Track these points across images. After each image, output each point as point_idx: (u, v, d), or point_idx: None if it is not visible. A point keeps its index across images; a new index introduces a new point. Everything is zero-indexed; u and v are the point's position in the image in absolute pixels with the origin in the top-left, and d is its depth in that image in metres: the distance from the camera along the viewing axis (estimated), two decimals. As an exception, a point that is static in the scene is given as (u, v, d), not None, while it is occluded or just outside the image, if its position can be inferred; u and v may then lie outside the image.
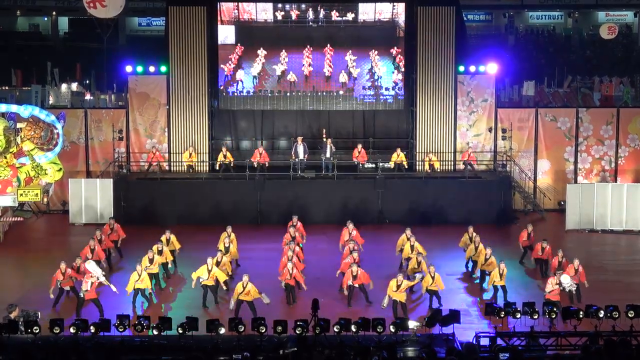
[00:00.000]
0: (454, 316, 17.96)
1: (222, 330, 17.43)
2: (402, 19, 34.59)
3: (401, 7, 34.47)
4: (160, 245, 23.91)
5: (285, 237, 25.00)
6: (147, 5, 62.33)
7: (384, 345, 15.88)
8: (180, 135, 33.92)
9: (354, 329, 17.33)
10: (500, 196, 31.78)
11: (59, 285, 21.74)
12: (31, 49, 59.43)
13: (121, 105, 37.16)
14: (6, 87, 44.88)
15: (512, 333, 17.50)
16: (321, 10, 34.77)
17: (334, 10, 34.73)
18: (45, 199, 28.83)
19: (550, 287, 20.87)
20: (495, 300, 21.74)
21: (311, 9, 34.70)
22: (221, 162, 32.64)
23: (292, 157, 32.28)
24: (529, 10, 66.16)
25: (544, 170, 34.47)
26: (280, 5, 34.85)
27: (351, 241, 24.36)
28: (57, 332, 17.35)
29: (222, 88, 34.66)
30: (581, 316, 18.02)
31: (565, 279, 21.18)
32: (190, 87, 33.88)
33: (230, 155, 32.85)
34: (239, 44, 34.94)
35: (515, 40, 63.82)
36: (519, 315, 18.54)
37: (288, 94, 34.76)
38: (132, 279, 21.70)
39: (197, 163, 33.41)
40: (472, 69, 34.07)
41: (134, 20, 66.39)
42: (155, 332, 17.57)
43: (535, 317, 18.58)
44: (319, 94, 34.76)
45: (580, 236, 30.42)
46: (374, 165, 32.91)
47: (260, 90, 34.80)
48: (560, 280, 21.14)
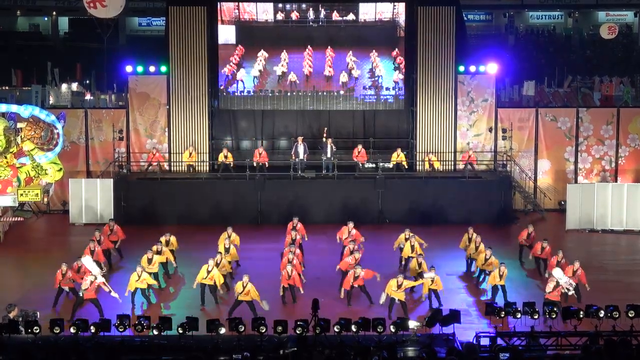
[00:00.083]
0: (454, 316, 17.95)
1: (223, 330, 17.42)
2: (402, 19, 34.57)
3: (401, 7, 34.46)
4: (159, 245, 23.90)
5: (286, 241, 24.95)
6: (147, 5, 62.32)
7: (384, 345, 15.87)
8: (180, 135, 33.93)
9: (354, 329, 17.32)
10: (501, 196, 31.78)
11: (59, 284, 21.74)
12: (31, 49, 59.41)
13: (121, 105, 37.17)
14: (6, 87, 44.86)
15: (513, 333, 17.51)
16: (322, 11, 34.77)
17: (335, 11, 34.75)
18: (46, 199, 28.82)
19: (551, 287, 20.87)
20: (493, 300, 21.75)
21: (312, 9, 34.70)
22: (222, 162, 32.65)
23: (293, 157, 32.28)
24: (529, 10, 66.16)
25: (544, 170, 34.47)
26: (280, 6, 34.85)
27: (351, 242, 24.33)
28: (57, 332, 17.35)
29: (223, 88, 34.66)
30: (581, 316, 18.02)
31: (557, 273, 21.18)
32: (191, 87, 33.88)
33: (231, 156, 32.86)
34: (240, 45, 34.94)
35: (515, 40, 63.81)
36: (519, 315, 18.54)
37: (288, 94, 34.75)
38: (132, 279, 21.72)
39: (197, 163, 33.42)
40: (473, 68, 34.06)
41: (134, 20, 66.39)
42: (155, 332, 17.56)
43: (536, 317, 18.58)
44: (320, 93, 34.75)
45: (581, 236, 30.41)
46: (374, 165, 32.91)
47: (261, 90, 34.79)
48: (552, 274, 21.18)
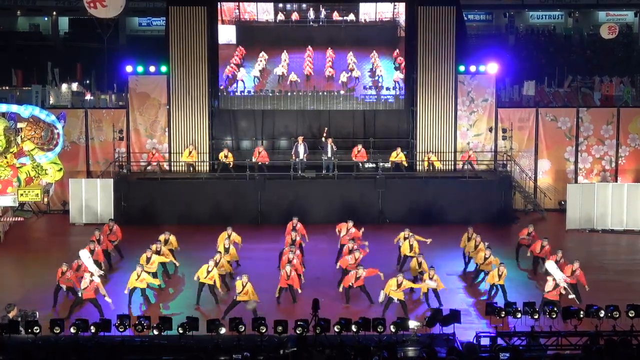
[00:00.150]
0: (455, 316, 17.95)
1: (223, 330, 17.42)
2: (403, 19, 34.57)
3: (402, 7, 34.45)
4: (159, 244, 23.88)
5: (286, 241, 24.93)
6: (148, 5, 62.28)
7: (385, 345, 15.86)
8: (180, 135, 33.92)
9: (354, 329, 17.32)
10: (501, 196, 31.77)
11: (58, 282, 21.74)
12: (31, 49, 59.38)
13: (121, 105, 37.16)
14: (6, 87, 44.83)
15: (513, 333, 17.51)
16: (322, 11, 34.76)
17: (335, 11, 34.73)
18: (46, 199, 28.79)
19: (550, 286, 20.87)
20: (490, 298, 21.84)
21: (312, 9, 34.69)
22: (222, 162, 32.65)
23: (293, 157, 32.27)
24: (530, 10, 66.10)
25: (545, 170, 34.46)
26: (281, 6, 34.83)
27: (350, 240, 24.33)
28: (58, 332, 17.35)
29: (223, 88, 34.66)
30: (582, 316, 18.02)
31: (550, 265, 21.18)
32: (191, 87, 33.87)
33: (232, 156, 32.85)
34: (240, 45, 34.91)
35: (515, 40, 63.78)
36: (519, 315, 18.54)
37: (289, 94, 34.74)
38: (132, 277, 21.72)
39: (197, 162, 33.41)
40: (473, 68, 34.05)
41: (134, 20, 66.36)
42: (155, 332, 17.56)
43: (536, 317, 18.59)
44: (320, 93, 34.74)
45: (581, 236, 30.41)
46: (374, 165, 32.91)
47: (261, 90, 34.78)
48: (546, 267, 21.21)
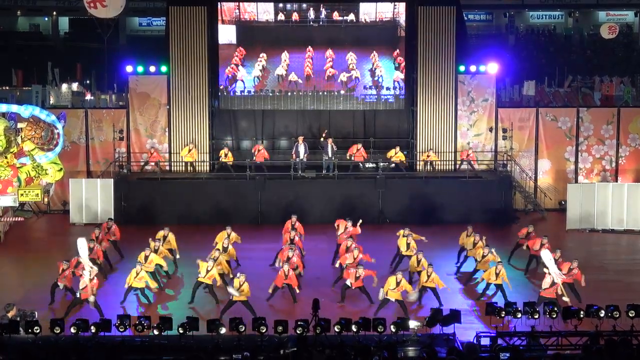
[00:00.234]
0: (455, 316, 17.95)
1: (223, 330, 17.42)
2: (403, 19, 34.57)
3: (402, 7, 34.45)
4: (158, 243, 23.86)
5: (284, 239, 24.90)
6: (148, 5, 62.27)
7: (385, 345, 15.87)
8: (180, 135, 33.91)
9: (354, 329, 17.32)
10: (501, 196, 31.77)
11: (56, 280, 21.76)
12: (32, 49, 59.37)
13: (122, 105, 37.13)
14: (7, 87, 44.82)
15: (513, 333, 17.52)
16: (322, 11, 34.76)
17: (335, 11, 34.73)
18: (46, 199, 28.77)
19: (547, 283, 20.88)
20: (483, 296, 21.97)
21: (312, 9, 34.69)
22: (222, 162, 32.63)
23: (293, 157, 32.27)
24: (530, 10, 66.10)
25: (545, 170, 34.46)
26: (281, 6, 34.83)
27: (349, 239, 24.30)
28: (58, 332, 17.35)
29: (223, 88, 34.65)
30: (582, 316, 18.03)
31: (546, 255, 21.23)
32: (191, 87, 33.86)
33: (231, 156, 32.83)
34: (240, 45, 34.90)
35: (515, 40, 63.76)
36: (519, 315, 18.55)
37: (289, 94, 34.73)
38: (130, 275, 21.72)
39: (197, 162, 33.40)
40: (473, 68, 34.05)
41: (135, 20, 66.35)
42: (155, 332, 17.56)
43: (536, 316, 18.60)
44: (320, 93, 34.74)
45: (581, 236, 30.40)
46: (374, 165, 32.90)
47: (261, 90, 34.78)
48: (541, 255, 21.28)
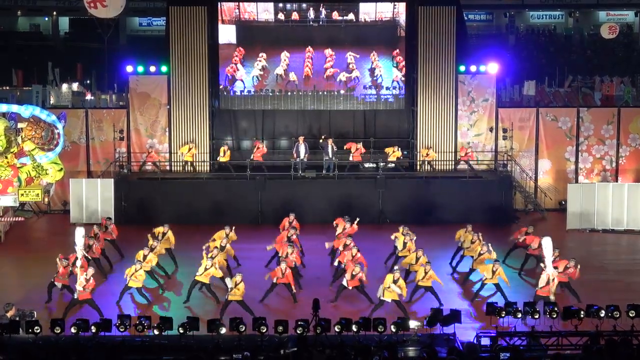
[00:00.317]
0: (455, 316, 17.95)
1: (223, 330, 17.41)
2: (403, 19, 34.59)
3: (402, 7, 34.46)
4: (155, 243, 23.86)
5: (282, 236, 24.86)
6: (148, 5, 62.24)
7: (385, 345, 15.87)
8: (181, 135, 33.91)
9: (354, 329, 17.33)
10: (501, 196, 31.77)
11: (53, 280, 21.76)
12: (32, 49, 59.34)
13: (122, 105, 37.12)
14: (7, 87, 44.80)
15: (513, 333, 17.51)
16: (322, 10, 34.76)
17: (335, 11, 34.72)
18: (46, 199, 28.75)
19: (543, 281, 20.88)
20: (477, 296, 22.04)
21: (312, 9, 34.69)
22: (219, 161, 32.65)
23: (294, 157, 32.28)
24: (530, 10, 66.07)
25: (545, 170, 34.46)
26: (281, 5, 34.84)
27: (348, 237, 24.31)
28: (58, 332, 17.34)
29: (222, 88, 34.64)
30: (582, 316, 18.03)
31: (547, 242, 21.32)
32: (191, 87, 33.87)
33: (229, 155, 32.77)
34: (240, 45, 34.89)
35: (515, 40, 63.74)
36: (519, 315, 18.55)
37: (289, 94, 34.73)
38: (128, 272, 21.74)
39: (196, 162, 33.39)
40: (473, 68, 34.04)
41: (135, 20, 66.33)
42: (156, 332, 17.55)
43: (536, 316, 18.60)
44: (320, 93, 34.74)
45: (581, 236, 30.40)
46: (374, 165, 32.91)
47: (261, 90, 34.77)
48: (541, 242, 21.43)
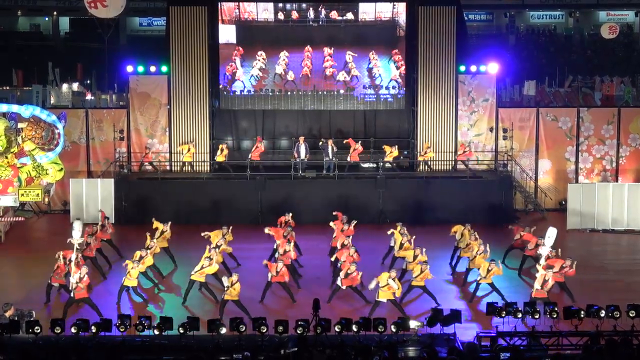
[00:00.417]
0: (455, 316, 17.96)
1: (223, 330, 17.42)
2: (402, 19, 34.59)
3: (401, 7, 34.46)
4: (153, 243, 23.84)
5: (279, 233, 24.82)
6: (148, 5, 62.24)
7: (385, 345, 15.88)
8: (181, 135, 33.91)
9: (355, 329, 17.33)
10: (501, 196, 31.76)
11: (50, 280, 21.76)
12: (32, 49, 59.33)
13: (122, 105, 37.11)
14: (7, 87, 44.81)
15: (513, 333, 17.52)
16: (322, 10, 34.76)
17: (335, 10, 34.70)
18: (47, 199, 28.77)
19: (539, 282, 20.87)
20: (474, 296, 22.06)
21: (312, 9, 34.69)
22: (217, 160, 32.73)
23: (295, 157, 32.29)
24: (530, 10, 66.08)
25: (545, 170, 34.45)
26: (281, 5, 34.84)
27: (346, 237, 24.34)
28: (58, 332, 17.34)
29: (223, 87, 34.62)
30: (582, 316, 18.03)
31: (552, 232, 21.60)
32: (191, 87, 33.86)
33: (225, 154, 32.72)
34: (240, 44, 34.89)
35: (516, 40, 63.75)
36: (519, 315, 18.56)
37: (289, 94, 34.73)
38: (130, 264, 21.90)
39: (196, 161, 33.39)
40: (473, 68, 34.03)
41: (135, 20, 66.33)
42: (156, 332, 17.56)
43: (537, 316, 18.60)
44: (320, 93, 34.73)
45: (582, 236, 30.39)
46: (374, 165, 32.91)
47: (261, 90, 34.77)
48: (548, 233, 21.83)
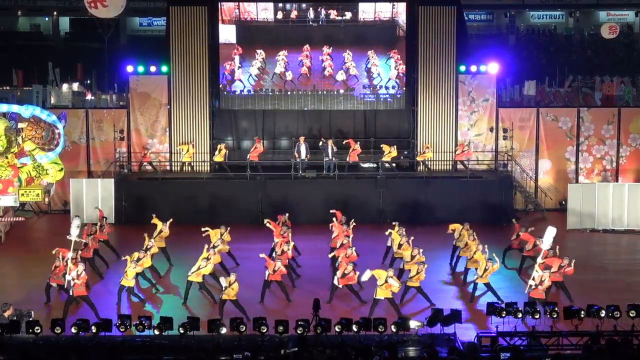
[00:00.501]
0: (456, 316, 17.96)
1: (224, 330, 17.41)
2: (402, 19, 34.60)
3: (401, 7, 34.48)
4: (151, 243, 23.84)
5: (277, 233, 24.87)
6: (148, 5, 62.26)
7: (385, 345, 15.88)
8: (181, 135, 33.90)
9: (355, 329, 17.33)
10: (502, 196, 31.77)
11: (49, 280, 21.75)
12: (32, 49, 59.32)
13: (122, 105, 37.11)
14: (7, 87, 44.80)
15: (514, 333, 17.52)
16: (322, 10, 34.76)
17: (334, 10, 34.69)
18: (47, 199, 28.80)
19: (535, 282, 20.87)
20: (473, 297, 22.07)
21: (312, 9, 34.69)
22: (215, 160, 32.78)
23: (295, 157, 32.29)
24: (530, 10, 66.09)
25: (545, 170, 34.45)
26: (280, 5, 34.84)
27: (345, 237, 24.35)
28: (59, 332, 17.34)
29: (222, 86, 34.61)
30: (582, 316, 18.03)
31: (551, 231, 21.59)
32: (191, 87, 33.85)
33: (223, 154, 32.72)
34: (240, 44, 34.90)
35: (516, 40, 63.75)
36: (519, 315, 18.56)
37: (289, 94, 34.72)
38: (130, 259, 21.95)
39: (196, 161, 33.39)
40: (473, 68, 34.02)
41: (135, 20, 66.35)
42: (156, 332, 17.56)
43: (537, 316, 18.61)
44: (320, 93, 34.72)
45: (582, 236, 30.40)
46: (375, 165, 32.90)
47: (261, 90, 34.77)
48: (547, 231, 21.75)
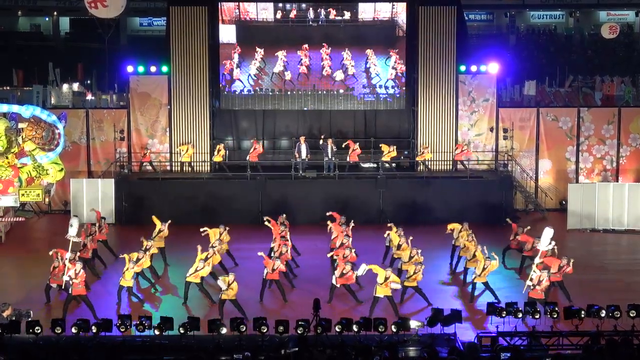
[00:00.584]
0: (456, 316, 17.96)
1: (224, 330, 17.42)
2: (401, 19, 34.60)
3: (400, 7, 34.48)
4: (149, 243, 23.86)
5: (276, 232, 24.90)
6: (149, 5, 62.29)
7: (386, 345, 15.89)
8: (181, 135, 33.91)
9: (355, 329, 17.34)
10: (502, 196, 31.76)
11: (49, 281, 21.78)
12: (32, 49, 59.32)
13: (122, 105, 37.12)
14: (7, 87, 44.81)
15: (514, 332, 17.52)
16: (322, 10, 34.77)
17: (334, 10, 34.69)
18: (47, 199, 28.85)
19: (534, 281, 20.88)
20: (472, 297, 22.07)
21: (311, 8, 34.70)
22: (214, 160, 32.81)
23: (296, 157, 32.29)
24: (530, 10, 66.11)
25: (546, 170, 34.45)
26: (280, 5, 34.85)
27: (345, 237, 24.39)
28: (59, 332, 17.35)
29: (222, 86, 34.59)
30: (583, 316, 18.03)
31: (548, 232, 21.65)
32: (192, 87, 33.86)
33: (222, 154, 32.73)
34: (240, 44, 34.91)
35: (516, 40, 63.76)
36: (520, 315, 18.57)
37: (289, 94, 34.73)
38: (130, 258, 21.98)
39: (196, 161, 33.40)
40: (474, 68, 34.03)
41: (135, 20, 66.36)
42: (156, 332, 17.56)
43: (537, 316, 18.61)
44: (320, 93, 34.72)
45: (582, 236, 30.41)
46: (375, 165, 32.91)
47: (261, 90, 34.77)
48: (544, 232, 21.80)
